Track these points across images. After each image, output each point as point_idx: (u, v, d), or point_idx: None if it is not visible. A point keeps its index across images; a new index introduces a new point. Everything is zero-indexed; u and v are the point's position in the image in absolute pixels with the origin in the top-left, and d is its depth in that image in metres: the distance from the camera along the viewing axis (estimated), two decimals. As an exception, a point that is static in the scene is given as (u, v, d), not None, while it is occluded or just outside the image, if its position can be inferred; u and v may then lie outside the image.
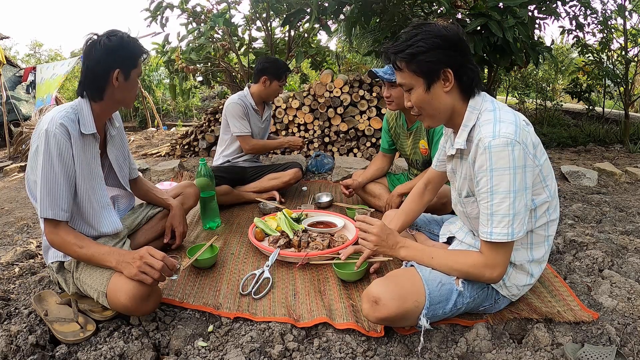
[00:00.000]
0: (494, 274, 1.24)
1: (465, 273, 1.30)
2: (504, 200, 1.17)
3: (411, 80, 1.26)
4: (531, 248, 1.36)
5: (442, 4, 3.28)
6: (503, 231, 1.18)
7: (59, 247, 1.45)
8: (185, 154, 4.88)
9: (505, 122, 1.18)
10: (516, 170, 1.15)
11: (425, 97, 1.26)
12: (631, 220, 2.43)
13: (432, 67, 1.21)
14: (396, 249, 1.42)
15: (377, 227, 1.42)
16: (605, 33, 5.30)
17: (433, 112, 1.29)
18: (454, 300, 1.31)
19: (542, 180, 1.27)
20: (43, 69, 6.47)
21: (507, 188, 1.16)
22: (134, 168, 1.89)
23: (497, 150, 1.14)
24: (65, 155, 1.42)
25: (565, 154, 4.60)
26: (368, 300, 1.27)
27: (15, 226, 2.78)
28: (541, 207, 1.30)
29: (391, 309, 1.23)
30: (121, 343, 1.36)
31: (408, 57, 1.22)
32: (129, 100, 1.60)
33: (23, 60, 15.14)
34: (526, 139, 1.18)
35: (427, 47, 1.19)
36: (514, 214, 1.17)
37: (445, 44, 1.20)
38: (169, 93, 8.63)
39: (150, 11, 4.56)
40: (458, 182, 1.42)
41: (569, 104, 8.45)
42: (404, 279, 1.31)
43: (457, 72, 1.23)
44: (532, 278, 1.39)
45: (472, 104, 1.27)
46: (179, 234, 1.99)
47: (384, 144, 2.62)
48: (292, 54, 5.11)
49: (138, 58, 1.54)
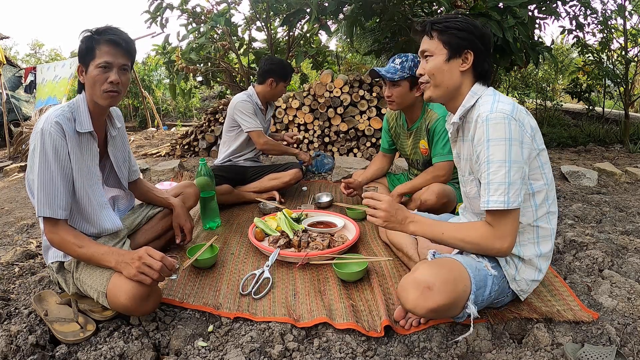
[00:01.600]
0: (504, 245, 1.25)
1: (476, 245, 1.29)
2: (499, 169, 1.22)
3: (435, 48, 1.36)
4: (538, 242, 1.37)
5: (442, 4, 3.28)
6: (499, 199, 1.22)
7: (59, 246, 1.44)
8: (185, 154, 4.88)
9: (503, 102, 1.27)
10: (512, 142, 1.21)
11: (441, 67, 1.35)
12: (631, 220, 2.43)
13: (459, 42, 1.33)
14: (405, 224, 1.39)
15: (385, 203, 1.39)
16: (605, 33, 5.30)
17: (441, 82, 1.37)
18: (490, 286, 1.31)
19: (540, 165, 1.31)
20: (43, 69, 6.47)
21: (503, 157, 1.21)
22: (135, 170, 1.88)
23: (494, 123, 1.22)
24: (61, 153, 1.42)
25: (565, 154, 4.60)
26: (417, 287, 1.19)
27: (15, 226, 2.78)
28: (539, 194, 1.33)
29: (444, 294, 1.18)
30: (121, 343, 1.36)
31: (443, 27, 1.35)
32: (95, 95, 1.49)
33: (23, 60, 15.15)
34: (523, 119, 1.26)
35: (462, 26, 1.33)
36: (509, 182, 1.21)
37: (476, 31, 1.34)
38: (169, 93, 8.63)
39: (150, 12, 4.56)
40: (462, 164, 1.48)
41: (569, 104, 8.45)
42: (449, 264, 1.28)
43: (476, 58, 1.34)
44: (540, 274, 1.39)
45: (474, 89, 1.36)
46: (188, 231, 1.99)
47: (384, 144, 2.62)
48: (292, 54, 5.11)
49: (93, 49, 1.46)
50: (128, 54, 1.52)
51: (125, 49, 1.50)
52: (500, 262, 1.36)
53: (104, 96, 1.49)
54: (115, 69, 1.48)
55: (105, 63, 1.46)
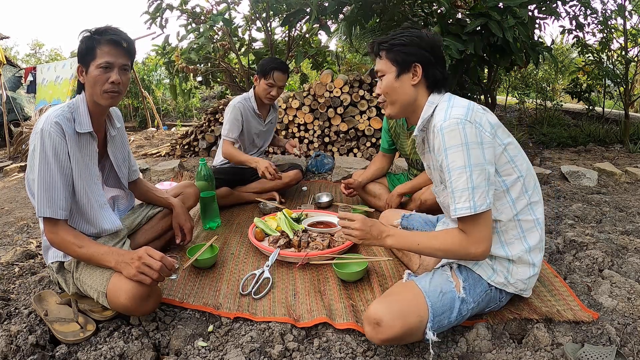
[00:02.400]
0: (480, 249, 1.24)
1: (452, 252, 1.29)
2: (460, 175, 1.22)
3: (386, 67, 1.40)
4: (524, 237, 1.35)
5: (442, 4, 3.28)
6: (465, 205, 1.22)
7: (59, 246, 1.45)
8: (185, 154, 4.88)
9: (456, 107, 1.28)
10: (469, 146, 1.21)
11: (393, 84, 1.39)
12: (631, 220, 2.43)
13: (405, 57, 1.36)
14: (382, 238, 1.41)
15: (358, 222, 1.43)
16: (605, 33, 5.30)
17: (396, 99, 1.41)
18: (458, 308, 1.30)
19: (509, 160, 1.30)
20: (44, 69, 6.46)
21: (463, 163, 1.22)
22: (134, 170, 1.88)
23: (448, 130, 1.23)
24: (61, 153, 1.42)
25: (565, 154, 4.60)
26: (369, 323, 1.25)
27: (15, 226, 2.78)
28: (514, 187, 1.31)
29: (395, 328, 1.20)
30: (121, 343, 1.36)
31: (389, 46, 1.38)
32: (96, 95, 1.49)
33: (23, 60, 15.14)
34: (480, 119, 1.25)
35: (406, 41, 1.36)
36: (472, 187, 1.21)
37: (422, 43, 1.35)
38: (169, 93, 8.63)
39: (149, 13, 4.56)
40: (433, 175, 1.49)
41: (569, 104, 8.44)
42: (403, 295, 1.30)
43: (425, 70, 1.36)
44: (535, 268, 1.37)
45: (431, 99, 1.37)
46: (188, 230, 1.99)
47: (384, 144, 2.62)
48: (292, 54, 5.11)
49: (93, 49, 1.45)
50: (128, 54, 1.51)
51: (125, 49, 1.50)
52: (484, 274, 1.35)
53: (104, 96, 1.49)
54: (116, 68, 1.48)
55: (106, 63, 1.45)
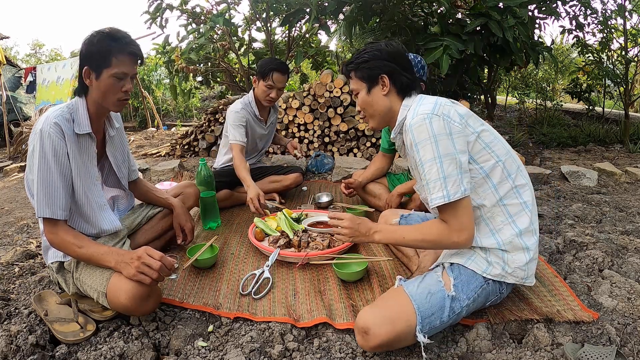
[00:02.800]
0: (462, 237, 1.28)
1: (436, 243, 1.33)
2: (431, 167, 1.27)
3: (357, 85, 1.48)
4: (513, 221, 1.35)
5: (442, 4, 3.28)
6: (439, 194, 1.26)
7: (58, 246, 1.45)
8: (185, 154, 4.88)
9: (423, 104, 1.33)
10: (437, 138, 1.25)
11: (366, 99, 1.46)
12: (631, 220, 2.44)
13: (371, 73, 1.43)
14: (370, 235, 1.47)
15: (346, 220, 1.48)
16: (605, 33, 5.30)
17: (373, 112, 1.48)
18: (449, 307, 1.29)
19: (485, 146, 1.32)
20: (44, 69, 6.46)
21: (432, 155, 1.26)
22: (134, 170, 1.88)
23: (416, 127, 1.28)
24: (60, 154, 1.42)
25: (565, 154, 4.60)
26: (358, 331, 1.27)
27: (15, 226, 2.78)
28: (494, 172, 1.33)
29: (382, 335, 1.21)
30: (121, 343, 1.36)
31: (355, 66, 1.47)
32: (106, 102, 1.50)
33: (23, 60, 15.14)
34: (447, 111, 1.29)
35: (368, 57, 1.43)
36: (444, 177, 1.25)
37: (383, 55, 1.42)
38: (169, 93, 8.63)
39: (149, 13, 4.57)
40: (414, 174, 1.52)
41: (569, 104, 8.44)
42: (390, 302, 1.31)
43: (392, 78, 1.42)
44: (530, 252, 1.36)
45: (405, 102, 1.43)
46: (189, 231, 1.99)
47: (384, 144, 2.62)
48: (292, 54, 5.11)
49: (109, 57, 1.42)
50: (138, 63, 1.54)
51: (139, 60, 1.52)
52: (478, 269, 1.34)
53: (117, 104, 1.52)
54: (128, 78, 1.49)
55: (123, 74, 1.46)
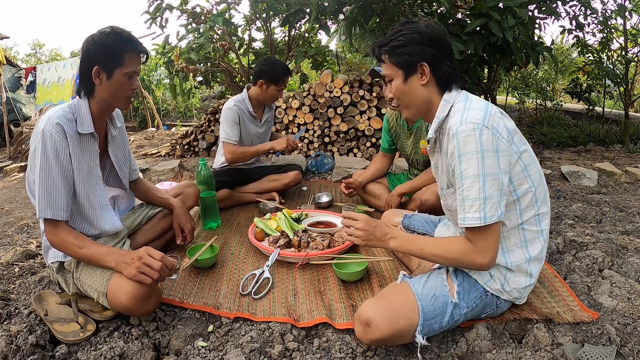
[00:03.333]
0: (485, 260, 1.22)
1: (457, 261, 1.27)
2: (473, 184, 1.18)
3: (391, 72, 1.34)
4: (526, 246, 1.32)
5: (442, 4, 3.28)
6: (475, 215, 1.18)
7: (59, 247, 1.45)
8: (185, 154, 4.88)
9: (473, 109, 1.22)
10: (484, 153, 1.16)
11: (402, 88, 1.32)
12: (631, 220, 2.43)
13: (409, 59, 1.28)
14: (385, 240, 1.38)
15: (362, 222, 1.40)
16: (605, 33, 5.29)
17: (409, 103, 1.35)
18: (450, 313, 1.29)
19: (523, 168, 1.25)
20: (44, 69, 6.45)
21: (476, 172, 1.17)
22: (134, 169, 1.89)
23: (464, 136, 1.17)
24: (62, 154, 1.42)
25: (565, 154, 4.60)
26: (360, 322, 1.24)
27: (15, 226, 2.78)
28: (525, 197, 1.27)
29: (384, 330, 1.20)
30: (121, 343, 1.36)
31: (389, 49, 1.31)
32: (117, 101, 1.53)
33: (23, 60, 15.13)
34: (497, 124, 1.20)
35: (406, 41, 1.27)
36: (484, 197, 1.17)
37: (423, 39, 1.27)
38: (169, 93, 8.63)
39: (149, 13, 4.56)
40: (440, 176, 1.44)
41: (569, 104, 8.44)
42: (395, 297, 1.29)
43: (433, 67, 1.28)
44: (532, 278, 1.36)
45: (446, 97, 1.31)
46: (189, 231, 1.99)
47: (384, 144, 2.62)
48: (292, 54, 5.11)
49: (122, 56, 1.46)
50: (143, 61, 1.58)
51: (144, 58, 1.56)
52: (480, 280, 1.33)
53: (127, 102, 1.56)
54: (135, 76, 1.53)
55: (133, 72, 1.50)
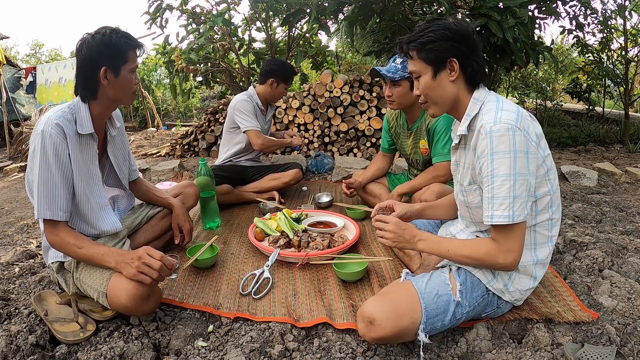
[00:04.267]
0: (509, 260, 1.23)
1: (482, 261, 1.27)
2: (504, 183, 1.19)
3: (420, 68, 1.34)
4: (535, 249, 1.34)
5: (442, 4, 3.28)
6: (504, 213, 1.19)
7: (59, 247, 1.45)
8: (185, 154, 4.88)
9: (507, 110, 1.23)
10: (517, 154, 1.18)
11: (431, 84, 1.33)
12: (631, 220, 2.43)
13: (439, 55, 1.29)
14: (415, 242, 1.40)
15: (392, 224, 1.41)
16: (605, 33, 5.29)
17: (437, 99, 1.35)
18: (452, 311, 1.30)
19: (546, 172, 1.27)
20: (44, 69, 6.46)
21: (508, 171, 1.18)
22: (134, 169, 1.89)
23: (497, 135, 1.18)
24: (62, 155, 1.42)
25: (565, 154, 4.60)
26: (363, 320, 1.25)
27: (15, 226, 2.78)
28: (542, 200, 1.29)
29: (387, 328, 1.21)
30: (121, 343, 1.36)
31: (418, 45, 1.32)
32: (124, 97, 1.55)
33: (23, 60, 15.12)
34: (528, 127, 1.22)
35: (435, 37, 1.29)
36: (514, 196, 1.18)
37: (453, 36, 1.28)
38: (169, 93, 8.63)
39: (149, 13, 4.56)
40: (461, 173, 1.44)
41: (569, 104, 8.44)
42: (399, 296, 1.30)
43: (462, 63, 1.29)
44: (535, 281, 1.37)
45: (476, 95, 1.32)
46: (187, 232, 1.99)
47: (384, 144, 2.62)
48: (292, 54, 5.11)
49: (126, 53, 1.48)
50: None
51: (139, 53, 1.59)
52: (484, 279, 1.34)
53: (132, 97, 1.58)
54: (136, 70, 1.56)
55: (136, 67, 1.54)
